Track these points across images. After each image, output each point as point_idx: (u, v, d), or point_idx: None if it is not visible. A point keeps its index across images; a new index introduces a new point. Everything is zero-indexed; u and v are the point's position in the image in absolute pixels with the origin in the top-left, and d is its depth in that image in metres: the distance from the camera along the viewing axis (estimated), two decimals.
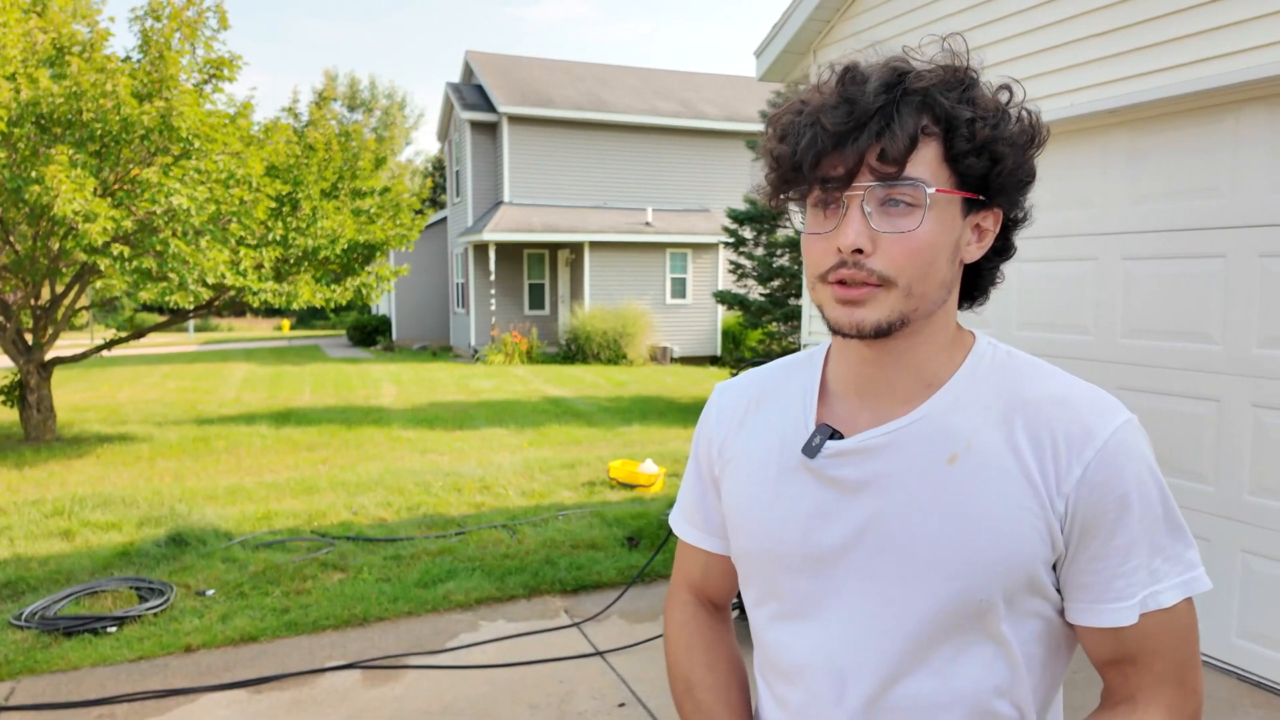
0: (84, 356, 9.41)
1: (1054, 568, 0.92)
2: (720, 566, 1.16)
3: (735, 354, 17.08)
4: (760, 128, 13.74)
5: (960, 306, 1.01)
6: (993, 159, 0.89)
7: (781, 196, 0.95)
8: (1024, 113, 0.92)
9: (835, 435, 0.97)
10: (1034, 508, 0.89)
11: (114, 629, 4.06)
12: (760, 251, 12.10)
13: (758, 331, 12.82)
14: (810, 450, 0.97)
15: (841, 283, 0.89)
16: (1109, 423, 0.90)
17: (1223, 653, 3.47)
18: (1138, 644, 0.91)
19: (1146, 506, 0.90)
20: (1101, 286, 3.91)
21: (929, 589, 0.91)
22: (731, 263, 12.39)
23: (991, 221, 0.95)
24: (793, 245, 11.34)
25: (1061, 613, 0.95)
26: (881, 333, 0.90)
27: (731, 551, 1.09)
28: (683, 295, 20.06)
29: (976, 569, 0.89)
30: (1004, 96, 0.92)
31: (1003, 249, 0.99)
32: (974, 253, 0.95)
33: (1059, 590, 0.94)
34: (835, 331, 0.93)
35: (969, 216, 0.93)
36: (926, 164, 0.87)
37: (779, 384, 1.08)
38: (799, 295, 11.18)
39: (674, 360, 19.47)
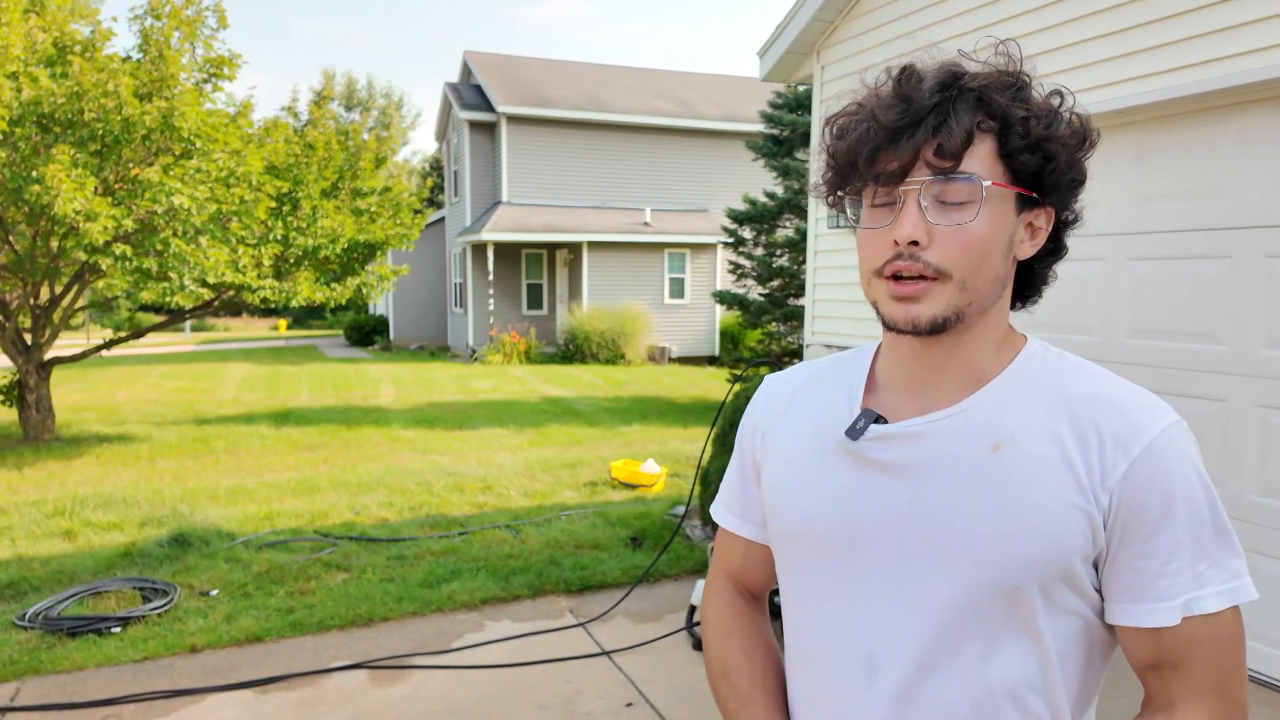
0: (83, 356, 9.39)
1: (1095, 567, 0.92)
2: (758, 555, 1.18)
3: (734, 354, 17.08)
4: (760, 127, 13.75)
5: (1013, 306, 1.03)
6: (1046, 157, 0.91)
7: (839, 194, 0.97)
8: (1075, 116, 0.94)
9: (880, 421, 0.98)
10: (1076, 500, 0.89)
11: (118, 629, 4.05)
12: (760, 252, 12.11)
13: (757, 332, 12.83)
14: (854, 433, 0.98)
15: (896, 276, 0.91)
16: (1157, 423, 0.91)
17: None
18: (1179, 649, 0.90)
19: (1192, 508, 0.90)
20: (1107, 287, 3.92)
21: (963, 573, 0.91)
22: (731, 263, 12.40)
23: (1044, 220, 0.97)
24: (792, 245, 11.35)
25: (1101, 615, 0.95)
26: (937, 328, 0.91)
27: (769, 535, 1.11)
28: (681, 295, 20.06)
29: (1012, 556, 0.89)
30: (1055, 100, 0.94)
31: (1055, 249, 1.01)
32: (1027, 250, 0.96)
33: (1099, 592, 0.94)
34: (890, 328, 0.94)
35: (1022, 214, 0.94)
36: (981, 160, 0.89)
37: (826, 375, 1.10)
38: (799, 295, 11.19)
39: (672, 360, 19.48)
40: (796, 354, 11.10)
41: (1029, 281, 1.02)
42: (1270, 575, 3.35)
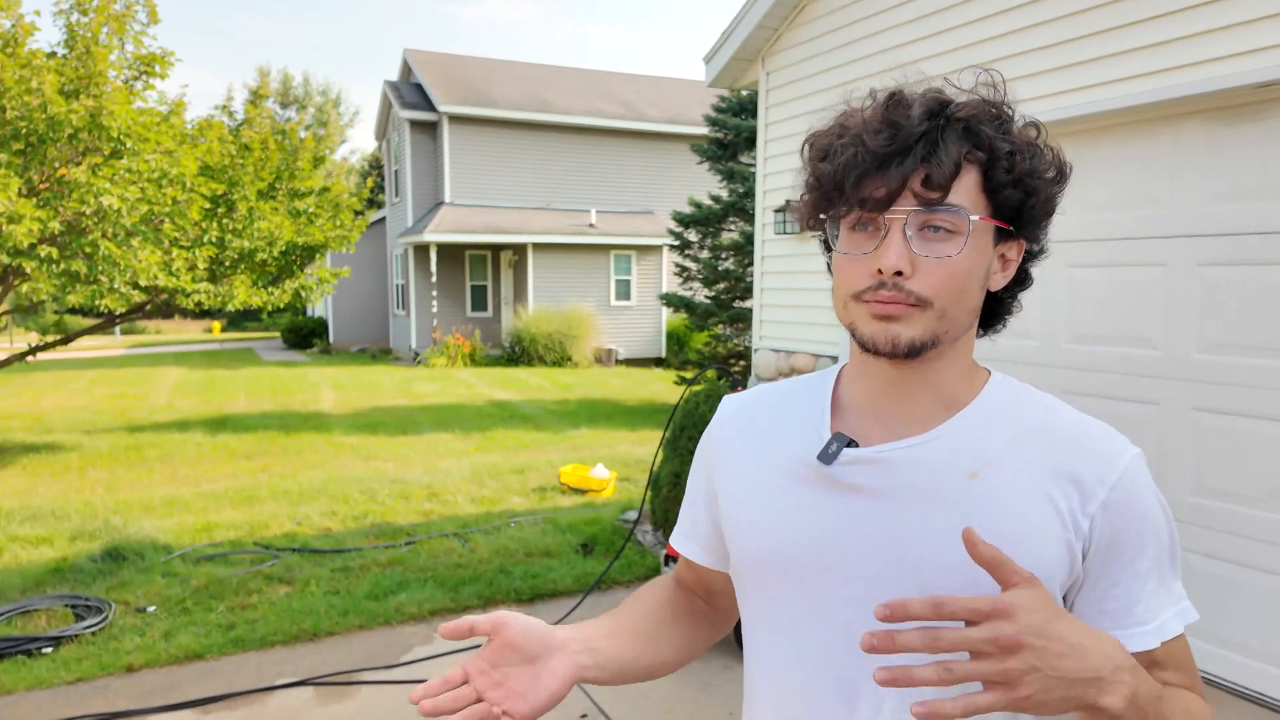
0: (7, 363, 9.03)
1: (1063, 598, 0.93)
2: (695, 572, 1.18)
3: (681, 356, 17.13)
4: (704, 131, 13.81)
5: (978, 335, 1.03)
6: (1027, 192, 0.91)
7: (820, 216, 0.96)
8: (1050, 149, 0.95)
9: (851, 444, 0.97)
10: (1056, 529, 0.90)
11: (50, 649, 3.89)
12: (705, 254, 12.15)
13: (703, 334, 12.88)
14: (826, 457, 0.97)
15: (879, 302, 0.90)
16: (1126, 453, 0.93)
17: None
18: (1159, 667, 0.93)
19: (1159, 536, 0.92)
20: (1047, 292, 4.01)
21: None
22: (677, 265, 12.42)
23: (1015, 252, 0.97)
24: (737, 249, 11.42)
25: None
26: (914, 351, 0.91)
27: (732, 563, 1.08)
28: (627, 297, 20.06)
29: (990, 585, 0.88)
30: (1033, 133, 0.94)
31: (1021, 279, 1.01)
32: (999, 281, 0.97)
33: None
34: (868, 349, 0.93)
35: (997, 246, 0.95)
36: (967, 192, 0.89)
37: (788, 399, 1.08)
38: (744, 298, 11.26)
39: (619, 362, 19.47)
40: (743, 356, 11.18)
41: (995, 311, 1.02)
42: (1207, 574, 3.46)
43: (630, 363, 19.63)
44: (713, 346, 11.71)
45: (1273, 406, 3.23)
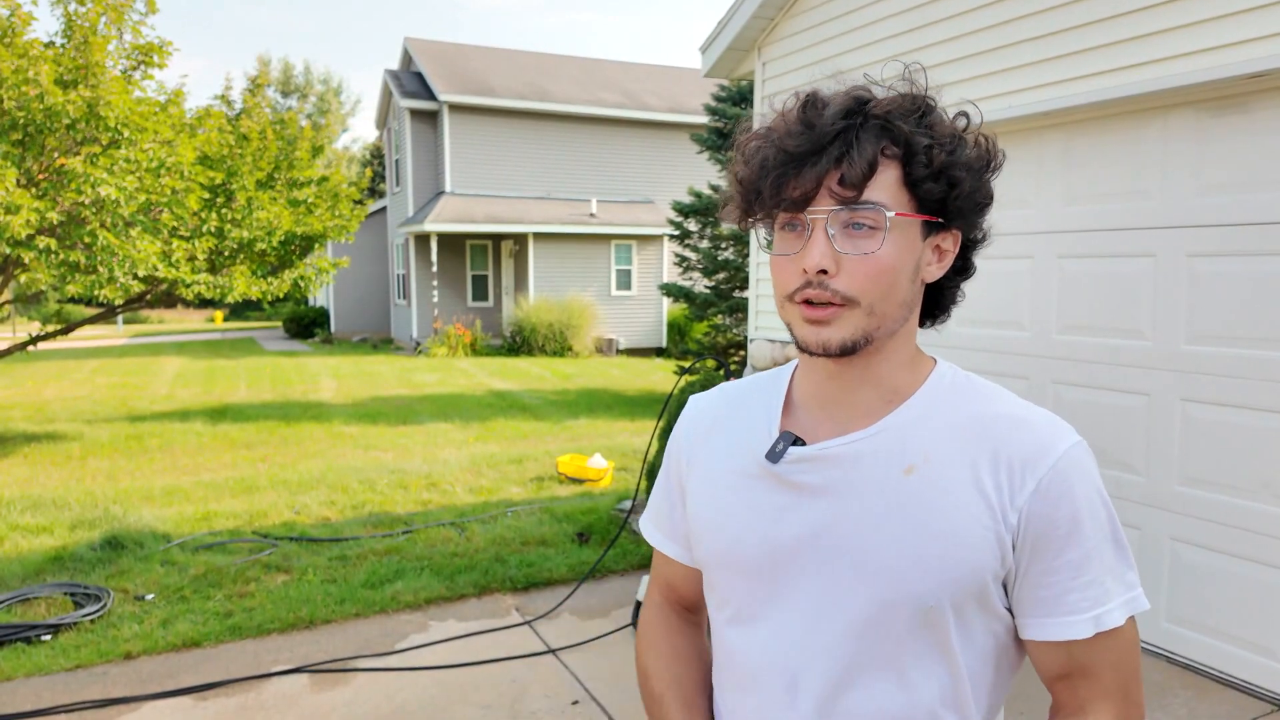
0: (9, 352, 9.05)
1: (1004, 587, 0.95)
2: (682, 572, 1.18)
3: (681, 346, 17.15)
4: (704, 120, 13.80)
5: (922, 324, 1.04)
6: (950, 183, 0.92)
7: (751, 219, 0.97)
8: (980, 138, 0.96)
9: (798, 442, 0.99)
10: (986, 520, 0.92)
11: (48, 637, 3.93)
12: (705, 244, 12.16)
13: (703, 324, 12.90)
14: (773, 456, 0.99)
15: (808, 302, 0.92)
16: (1062, 442, 0.94)
17: (1153, 637, 3.62)
18: (1088, 658, 0.94)
19: (1096, 525, 0.93)
20: (1037, 284, 4.02)
21: (878, 592, 0.93)
22: (677, 255, 12.44)
23: (951, 242, 0.98)
24: (737, 239, 11.43)
25: (1010, 633, 0.98)
26: (847, 351, 0.93)
27: (695, 558, 1.11)
28: (628, 287, 20.06)
29: (926, 575, 0.91)
30: (961, 123, 0.95)
31: (962, 268, 1.02)
32: (934, 273, 0.98)
33: (1009, 610, 0.97)
34: (803, 350, 0.96)
35: (929, 238, 0.96)
36: (886, 188, 0.90)
37: (747, 397, 1.11)
38: (744, 288, 11.27)
39: (620, 352, 19.48)
40: (743, 346, 11.20)
41: (938, 301, 1.03)
42: (1193, 563, 3.49)
43: (631, 352, 19.65)
44: (713, 336, 11.73)
45: (1261, 397, 3.25)
